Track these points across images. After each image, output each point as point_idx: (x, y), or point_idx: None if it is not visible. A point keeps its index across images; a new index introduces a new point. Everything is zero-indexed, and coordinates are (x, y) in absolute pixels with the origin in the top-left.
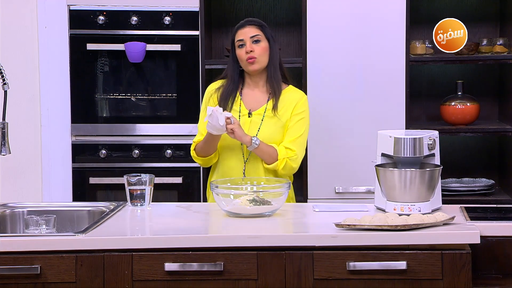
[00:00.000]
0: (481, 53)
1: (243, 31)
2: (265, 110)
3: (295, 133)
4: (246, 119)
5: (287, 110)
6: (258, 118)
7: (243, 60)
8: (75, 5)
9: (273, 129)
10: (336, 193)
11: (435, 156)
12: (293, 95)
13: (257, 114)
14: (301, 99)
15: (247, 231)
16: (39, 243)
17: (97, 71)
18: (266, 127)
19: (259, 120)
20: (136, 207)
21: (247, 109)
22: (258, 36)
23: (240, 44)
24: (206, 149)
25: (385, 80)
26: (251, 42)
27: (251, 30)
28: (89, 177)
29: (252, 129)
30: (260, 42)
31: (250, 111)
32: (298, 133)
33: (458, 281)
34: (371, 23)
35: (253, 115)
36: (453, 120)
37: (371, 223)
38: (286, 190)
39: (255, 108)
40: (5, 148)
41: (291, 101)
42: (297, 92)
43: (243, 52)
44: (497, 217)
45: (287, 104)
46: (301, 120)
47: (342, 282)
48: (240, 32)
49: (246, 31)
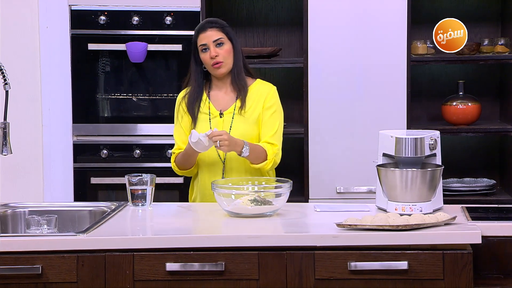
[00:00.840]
0: (482, 53)
1: (205, 35)
2: (234, 109)
3: (272, 127)
4: (218, 120)
5: (258, 105)
6: (229, 117)
7: (208, 64)
8: (76, 5)
9: (245, 126)
10: (337, 193)
11: (436, 156)
12: (262, 88)
13: (228, 114)
14: (269, 91)
15: (248, 231)
16: (40, 243)
17: (99, 71)
18: (237, 125)
19: (230, 119)
20: (137, 207)
21: (217, 110)
22: (221, 39)
23: (203, 48)
24: (186, 162)
25: (386, 80)
26: (215, 46)
27: (213, 34)
28: (91, 177)
29: (224, 129)
30: (223, 44)
31: (221, 111)
32: (274, 126)
33: (460, 281)
34: (372, 23)
35: (224, 115)
36: (454, 120)
37: (372, 223)
38: (287, 190)
39: (225, 108)
40: (7, 148)
41: (260, 95)
42: (265, 84)
43: (208, 56)
44: (499, 217)
45: (256, 98)
46: (275, 113)
47: (343, 282)
48: (202, 36)
49: (208, 35)
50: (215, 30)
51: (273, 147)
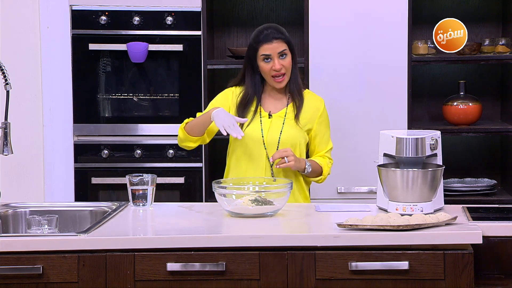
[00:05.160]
0: (483, 53)
1: (271, 46)
2: (285, 113)
3: (328, 142)
4: (266, 120)
5: (313, 116)
6: (278, 120)
7: (269, 75)
8: (77, 5)
9: (295, 132)
10: (338, 193)
11: (437, 156)
12: (314, 102)
13: (278, 117)
14: (323, 104)
15: (249, 231)
16: (41, 243)
17: (99, 71)
18: (288, 130)
19: (280, 123)
20: (138, 207)
21: (266, 111)
22: (285, 51)
23: (265, 58)
24: (195, 128)
25: (387, 80)
26: (278, 57)
27: (279, 46)
28: (91, 177)
29: (273, 131)
30: (286, 56)
31: (270, 112)
32: (330, 141)
33: (460, 281)
34: (373, 23)
35: (273, 117)
36: (455, 120)
37: (373, 223)
38: (288, 190)
39: (274, 111)
40: (8, 148)
41: (314, 108)
42: (317, 98)
43: (269, 67)
44: (499, 217)
45: (310, 111)
46: (327, 126)
47: (344, 282)
48: (267, 47)
49: (274, 47)
50: (281, 41)
51: (330, 162)
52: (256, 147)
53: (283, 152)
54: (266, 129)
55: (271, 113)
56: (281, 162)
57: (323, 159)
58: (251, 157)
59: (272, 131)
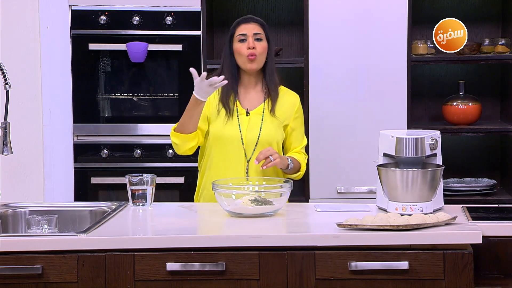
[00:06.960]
0: (483, 53)
1: (247, 26)
2: (263, 110)
3: (303, 138)
4: (244, 117)
5: (287, 113)
6: (257, 117)
7: (243, 55)
8: (77, 5)
9: (273, 129)
10: (338, 193)
11: (437, 156)
12: (290, 98)
13: (256, 114)
14: (298, 101)
15: (249, 231)
16: (41, 243)
17: (99, 71)
18: (267, 126)
19: (259, 120)
20: (138, 207)
21: (243, 108)
22: (260, 35)
23: (241, 38)
24: (187, 121)
25: (387, 80)
26: (254, 39)
27: (255, 27)
28: (91, 177)
29: (252, 128)
30: (261, 41)
31: (248, 110)
32: (304, 137)
33: (460, 281)
34: (373, 23)
35: (251, 114)
36: (455, 120)
37: (373, 223)
38: (288, 190)
39: (251, 108)
40: (7, 148)
41: (290, 104)
42: (292, 94)
43: (244, 47)
44: (499, 217)
45: (285, 106)
46: (302, 122)
47: (344, 282)
48: (244, 27)
49: (250, 27)
50: (257, 25)
51: (306, 157)
52: (234, 146)
53: (267, 152)
54: (245, 127)
55: (249, 111)
56: (266, 161)
57: (299, 155)
58: (228, 157)
59: (250, 130)
